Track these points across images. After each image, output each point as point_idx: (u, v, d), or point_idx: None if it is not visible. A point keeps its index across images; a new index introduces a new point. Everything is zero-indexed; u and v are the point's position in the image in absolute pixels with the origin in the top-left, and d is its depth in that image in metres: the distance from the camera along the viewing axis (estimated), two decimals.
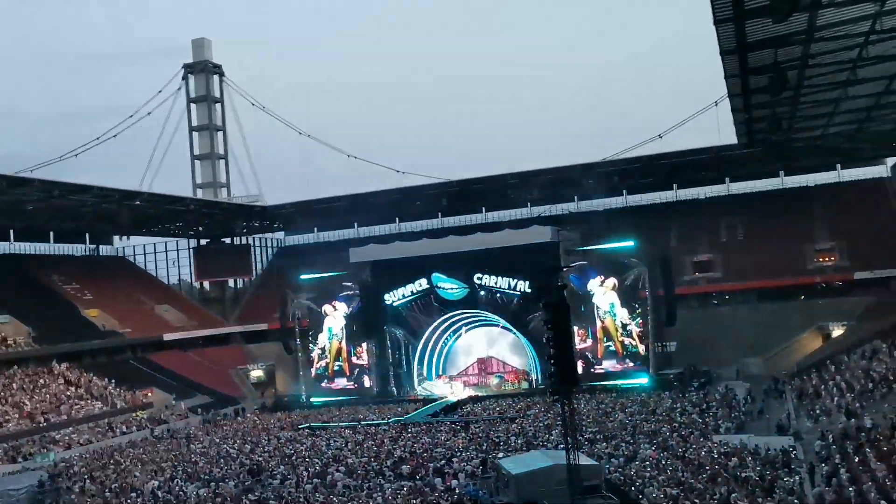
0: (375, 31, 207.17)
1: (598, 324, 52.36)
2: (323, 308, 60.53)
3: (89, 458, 41.43)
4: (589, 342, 52.42)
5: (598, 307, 52.31)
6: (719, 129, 51.47)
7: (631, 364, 51.69)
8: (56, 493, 34.10)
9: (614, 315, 52.16)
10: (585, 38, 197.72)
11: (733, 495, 23.05)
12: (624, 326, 51.91)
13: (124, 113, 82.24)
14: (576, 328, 51.72)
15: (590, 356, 52.20)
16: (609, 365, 52.17)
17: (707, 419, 36.91)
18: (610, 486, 26.26)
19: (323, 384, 60.16)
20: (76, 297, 68.76)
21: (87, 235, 79.05)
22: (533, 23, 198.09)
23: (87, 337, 63.71)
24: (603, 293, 52.39)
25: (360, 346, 59.57)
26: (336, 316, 60.39)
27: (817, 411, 35.70)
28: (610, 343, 52.23)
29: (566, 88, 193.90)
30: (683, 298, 56.52)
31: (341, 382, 59.95)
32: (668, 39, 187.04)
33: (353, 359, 59.70)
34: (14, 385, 53.55)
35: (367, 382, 59.29)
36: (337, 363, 60.09)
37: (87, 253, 79.93)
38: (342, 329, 60.06)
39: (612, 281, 52.13)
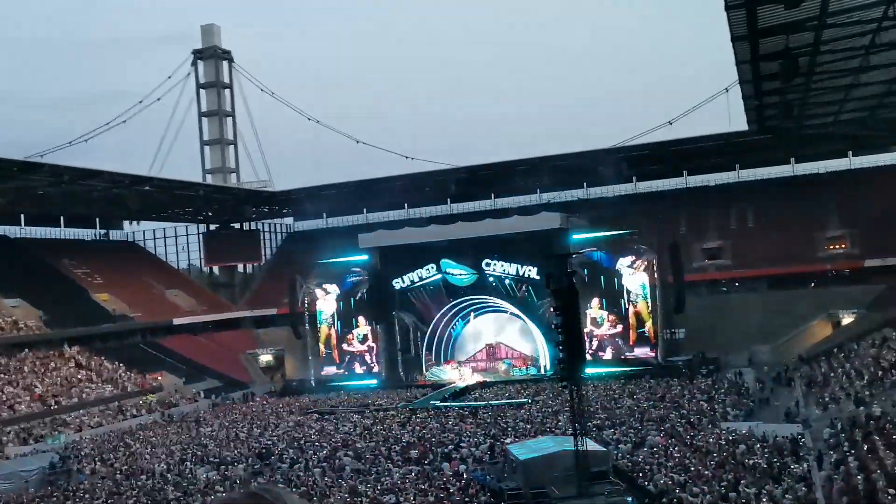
0: (385, 15, 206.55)
1: (631, 308, 52.09)
2: (314, 291, 60.63)
3: (100, 441, 41.86)
4: (620, 328, 52.25)
5: (627, 290, 52.06)
6: (730, 116, 51.25)
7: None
8: (67, 475, 34.48)
9: (646, 297, 51.72)
10: (596, 23, 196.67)
11: (741, 482, 23.09)
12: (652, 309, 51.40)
13: (134, 98, 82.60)
14: (605, 313, 52.03)
15: (620, 343, 52.07)
16: (641, 352, 51.88)
17: (715, 406, 36.94)
18: (618, 472, 26.34)
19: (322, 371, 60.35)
20: (87, 282, 69.10)
21: (98, 220, 79.39)
22: (543, 7, 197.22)
23: (97, 321, 64.08)
24: (631, 273, 51.99)
25: (351, 332, 59.66)
26: (327, 299, 60.43)
27: (826, 399, 35.67)
28: (643, 329, 51.88)
29: (576, 74, 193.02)
30: (693, 285, 56.34)
31: (332, 369, 60.14)
32: (679, 24, 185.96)
33: (344, 346, 59.84)
34: (25, 368, 53.97)
35: (357, 370, 59.37)
36: (326, 350, 60.27)
37: (98, 238, 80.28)
38: (333, 314, 60.17)
39: (642, 261, 51.73)
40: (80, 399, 51.90)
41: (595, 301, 52.24)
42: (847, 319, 53.35)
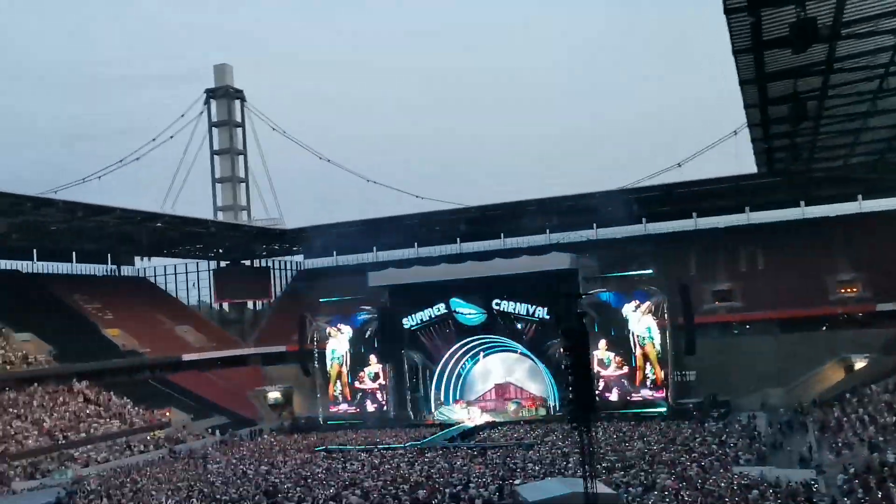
0: (396, 56, 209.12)
1: (638, 350, 52.10)
2: (328, 330, 60.81)
3: (106, 477, 41.65)
4: (626, 369, 52.19)
5: (633, 332, 52.13)
6: (739, 158, 51.55)
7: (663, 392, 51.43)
8: None
9: (654, 340, 51.82)
10: (604, 63, 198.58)
11: None
12: (662, 352, 51.56)
13: (147, 136, 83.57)
14: (612, 354, 52.04)
15: (626, 383, 51.92)
16: (647, 394, 51.81)
17: (727, 450, 36.58)
18: None
19: (329, 408, 60.36)
20: (97, 317, 69.36)
21: (109, 256, 79.96)
22: (551, 47, 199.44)
23: (107, 356, 64.19)
24: (638, 319, 52.18)
25: (363, 370, 59.65)
26: (340, 339, 60.70)
27: (839, 444, 35.28)
28: (651, 371, 51.87)
29: (585, 115, 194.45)
30: (703, 327, 56.11)
31: (343, 407, 60.10)
32: (689, 66, 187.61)
33: (356, 384, 59.79)
34: (34, 402, 53.97)
35: (370, 408, 59.28)
36: (337, 386, 60.25)
37: (109, 273, 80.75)
38: (346, 353, 60.27)
39: (647, 305, 51.93)
40: (87, 434, 51.82)
41: (602, 342, 52.17)
42: (859, 363, 52.95)
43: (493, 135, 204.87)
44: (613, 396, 52.11)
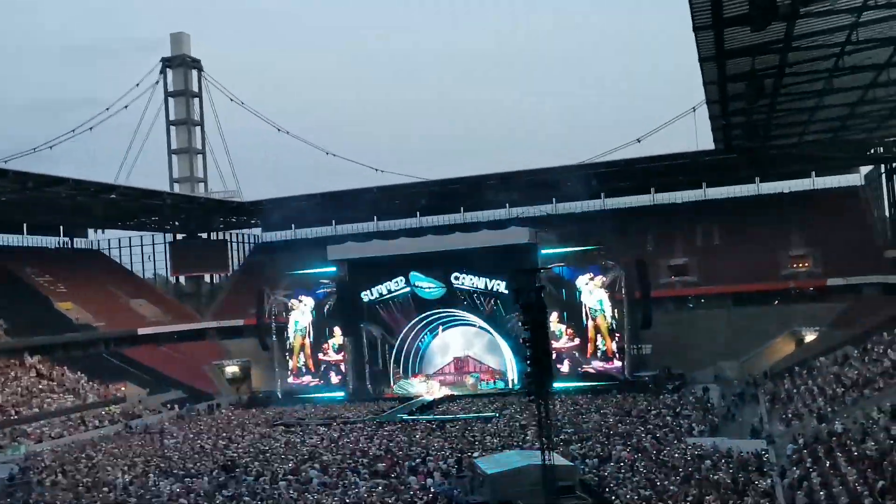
0: (356, 28, 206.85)
1: (590, 323, 52.54)
2: (290, 301, 60.50)
3: (61, 452, 41.07)
4: (577, 341, 52.65)
5: (585, 305, 52.57)
6: (697, 135, 52.10)
7: (620, 364, 52.00)
8: (27, 487, 33.72)
9: (605, 313, 52.32)
10: (565, 38, 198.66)
11: (706, 497, 23.29)
12: (618, 326, 52.12)
13: (101, 106, 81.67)
14: (563, 326, 52.47)
15: (577, 355, 52.43)
16: (598, 365, 52.36)
17: (681, 421, 37.27)
18: (584, 486, 26.47)
19: (287, 379, 60.19)
20: (49, 290, 68.04)
21: (62, 228, 78.27)
22: (513, 20, 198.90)
23: (60, 330, 63.11)
24: (590, 291, 52.54)
25: (327, 342, 59.57)
26: (303, 310, 60.36)
27: (789, 415, 36.17)
28: (602, 343, 52.42)
29: (546, 91, 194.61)
30: (659, 301, 56.92)
31: (306, 379, 60.01)
32: (648, 44, 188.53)
33: (320, 355, 59.69)
34: None
35: (333, 379, 59.29)
36: (300, 358, 60.14)
37: (62, 246, 79.14)
38: (309, 324, 60.05)
39: (600, 278, 52.38)
40: (40, 409, 50.98)
41: (554, 315, 52.21)
42: (810, 337, 54.24)
43: (452, 108, 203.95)
44: (565, 368, 52.60)
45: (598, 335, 52.46)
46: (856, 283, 56.70)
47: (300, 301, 60.50)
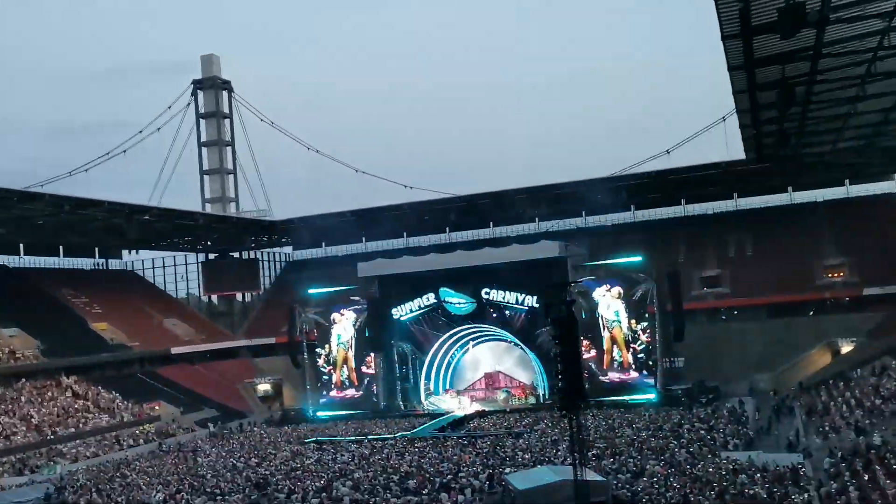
0: (384, 44, 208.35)
1: (606, 334, 52.16)
2: (332, 316, 60.58)
3: (96, 471, 41.47)
4: (593, 353, 52.23)
5: (602, 316, 52.17)
6: (727, 145, 51.56)
7: (636, 375, 51.47)
8: None
9: (621, 324, 51.92)
10: (593, 52, 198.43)
11: None
12: (634, 337, 51.66)
13: (134, 129, 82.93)
14: (580, 339, 52.08)
15: (594, 367, 52.02)
16: (615, 376, 51.90)
17: (715, 435, 36.74)
18: (617, 501, 26.11)
19: (331, 393, 60.10)
20: (85, 311, 68.96)
21: (97, 250, 79.44)
22: (541, 34, 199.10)
23: (95, 350, 63.82)
24: (607, 304, 52.21)
25: (369, 355, 59.51)
26: (345, 324, 60.39)
27: (826, 428, 35.49)
28: (618, 354, 51.96)
29: (574, 103, 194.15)
30: (691, 314, 56.28)
31: (349, 392, 59.90)
32: (677, 54, 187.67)
33: (363, 368, 59.61)
34: (22, 398, 53.67)
35: (375, 391, 59.19)
36: (343, 371, 60.08)
37: (96, 267, 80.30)
38: (351, 337, 60.05)
39: (617, 290, 51.97)
40: (76, 429, 51.59)
41: None
42: (846, 348, 53.28)
43: (482, 125, 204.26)
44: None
45: (615, 346, 52.05)
46: (893, 293, 55.46)
47: (342, 315, 60.53)
